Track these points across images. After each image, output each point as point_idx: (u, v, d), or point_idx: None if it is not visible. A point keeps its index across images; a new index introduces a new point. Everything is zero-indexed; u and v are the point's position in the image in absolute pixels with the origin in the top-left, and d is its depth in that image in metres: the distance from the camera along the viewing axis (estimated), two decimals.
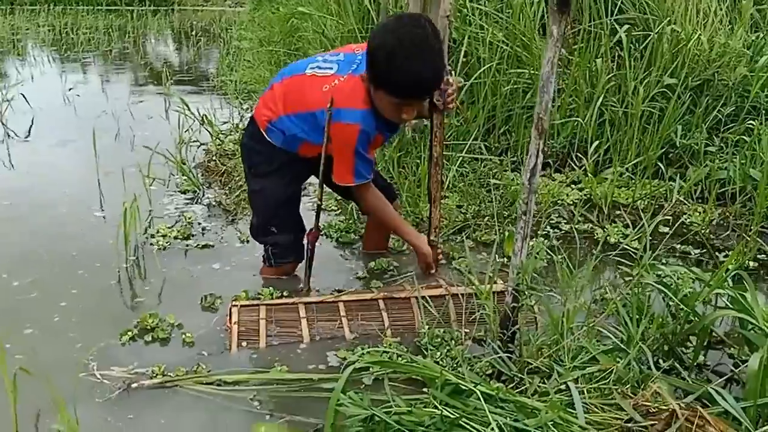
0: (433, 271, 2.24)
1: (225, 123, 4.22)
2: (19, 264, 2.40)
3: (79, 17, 11.31)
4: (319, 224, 2.19)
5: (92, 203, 3.01)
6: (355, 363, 1.49)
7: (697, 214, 2.80)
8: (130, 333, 1.93)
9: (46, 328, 2.03)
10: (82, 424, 1.54)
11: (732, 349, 1.94)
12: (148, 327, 1.97)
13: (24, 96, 4.90)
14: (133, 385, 1.75)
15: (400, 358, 1.78)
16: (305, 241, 2.23)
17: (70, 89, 5.51)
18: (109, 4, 14.21)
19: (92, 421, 1.61)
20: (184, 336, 1.94)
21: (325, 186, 2.41)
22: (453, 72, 2.40)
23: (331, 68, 2.02)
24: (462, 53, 3.37)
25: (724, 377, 1.78)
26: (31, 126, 4.23)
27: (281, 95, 2.06)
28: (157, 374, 1.79)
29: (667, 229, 2.53)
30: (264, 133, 2.09)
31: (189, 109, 3.88)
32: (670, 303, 1.85)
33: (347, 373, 1.42)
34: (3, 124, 4.25)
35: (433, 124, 2.14)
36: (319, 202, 2.15)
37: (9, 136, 4.08)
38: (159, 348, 1.92)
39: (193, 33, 8.82)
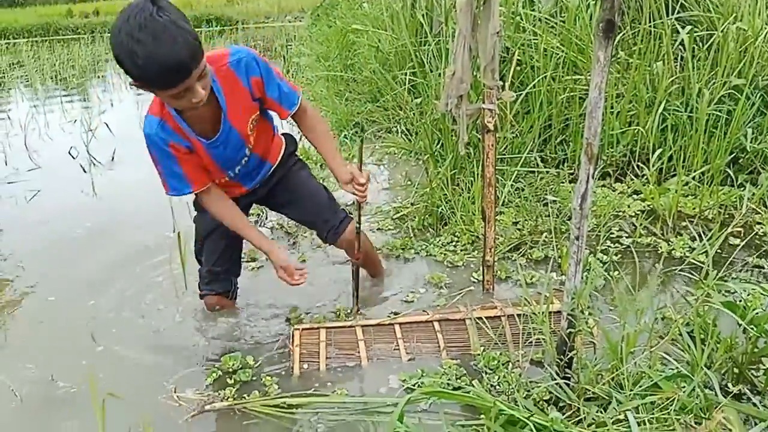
0: (296, 282, 2.08)
1: None
2: (105, 283, 2.64)
3: None
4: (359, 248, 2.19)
5: (167, 227, 3.20)
6: (411, 395, 1.53)
7: None
8: (214, 374, 1.99)
9: (129, 348, 2.20)
10: None
11: None
12: (231, 370, 2.02)
13: (107, 125, 5.25)
14: (207, 407, 1.87)
15: (457, 384, 1.80)
16: (233, 281, 2.32)
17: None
18: None
19: None
20: (264, 378, 1.96)
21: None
22: (503, 86, 2.39)
23: None
24: (515, 62, 3.33)
25: None
26: (113, 155, 4.51)
27: None
28: (228, 397, 1.91)
29: (738, 241, 2.41)
30: None
31: None
32: (740, 322, 1.77)
33: (401, 405, 1.46)
34: (88, 153, 4.55)
35: (484, 145, 2.15)
36: (357, 225, 2.16)
37: (93, 164, 4.40)
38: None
39: (256, 51, 9.15)
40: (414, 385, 1.84)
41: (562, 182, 3.01)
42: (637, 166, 3.08)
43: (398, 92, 3.94)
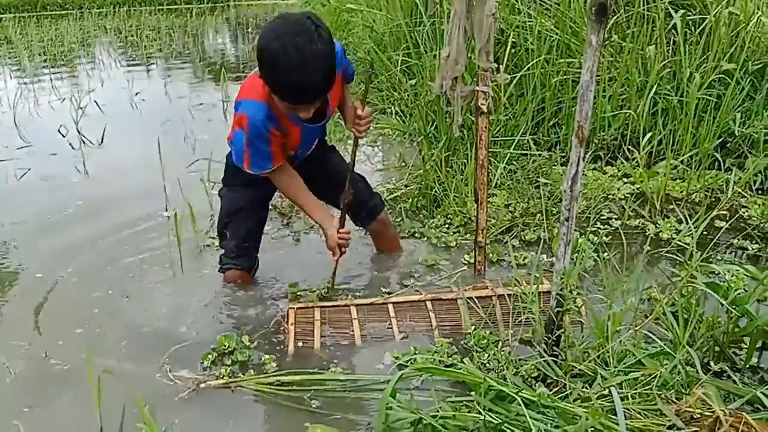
0: (337, 256, 2.21)
1: None
2: (98, 261, 2.66)
3: (143, 18, 11.82)
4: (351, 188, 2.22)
5: (159, 206, 3.21)
6: (403, 371, 1.57)
7: (756, 206, 2.70)
8: (210, 357, 1.99)
9: (123, 326, 2.22)
10: (160, 423, 1.68)
11: None
12: (227, 350, 2.03)
13: (97, 103, 5.21)
14: (202, 386, 1.89)
15: (448, 361, 1.85)
16: (257, 258, 2.40)
17: (136, 94, 5.83)
18: (170, 3, 14.75)
19: (168, 419, 1.76)
20: (263, 358, 1.99)
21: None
22: (498, 69, 2.40)
23: None
24: (509, 44, 3.34)
25: None
26: (104, 133, 4.48)
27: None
28: (223, 375, 1.93)
29: (723, 224, 2.47)
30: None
31: None
32: (722, 303, 1.83)
33: (395, 380, 1.50)
34: (78, 131, 4.52)
35: (478, 127, 2.18)
36: (352, 160, 2.21)
37: (84, 143, 4.37)
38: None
39: (249, 30, 9.06)
40: (407, 362, 1.89)
41: (554, 165, 3.05)
42: (628, 149, 3.12)
43: (393, 73, 3.94)
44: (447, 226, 2.76)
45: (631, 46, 3.24)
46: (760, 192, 2.84)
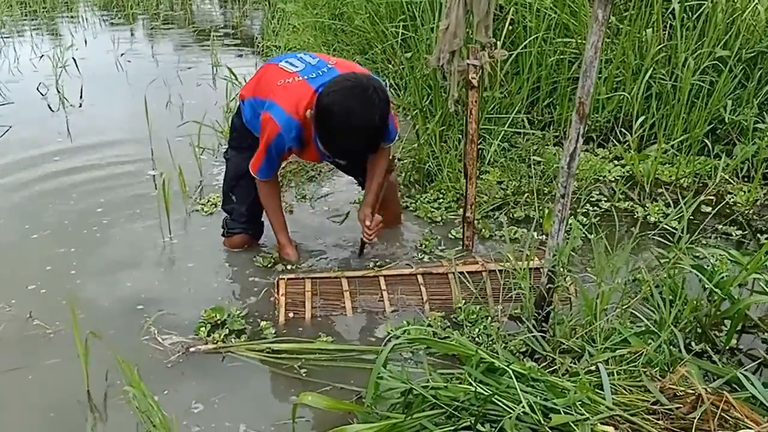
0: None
1: None
2: (83, 223, 2.64)
3: None
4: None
5: (145, 169, 3.17)
6: (396, 341, 1.59)
7: (742, 193, 2.76)
8: (204, 330, 1.97)
9: (109, 290, 2.21)
10: (147, 387, 1.66)
11: (766, 333, 1.96)
12: (217, 321, 2.02)
13: (75, 60, 5.04)
14: (191, 350, 1.91)
15: (441, 334, 1.88)
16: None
17: (122, 55, 5.68)
18: None
19: (155, 382, 1.76)
20: (261, 325, 2.00)
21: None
22: (496, 44, 2.38)
23: (297, 67, 2.09)
24: (508, 21, 3.31)
25: (757, 361, 1.82)
26: (81, 92, 4.36)
27: (257, 79, 2.18)
28: (217, 340, 1.94)
29: (709, 209, 2.51)
30: (241, 108, 2.24)
31: (236, 79, 3.96)
32: (706, 286, 1.87)
33: (388, 349, 1.52)
34: (57, 90, 4.39)
35: (468, 101, 2.16)
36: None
37: (63, 101, 4.24)
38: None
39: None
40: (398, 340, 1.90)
41: (547, 145, 3.06)
42: (620, 132, 3.14)
43: (388, 45, 3.88)
44: (439, 201, 2.77)
45: (628, 28, 3.23)
46: (746, 179, 2.89)
